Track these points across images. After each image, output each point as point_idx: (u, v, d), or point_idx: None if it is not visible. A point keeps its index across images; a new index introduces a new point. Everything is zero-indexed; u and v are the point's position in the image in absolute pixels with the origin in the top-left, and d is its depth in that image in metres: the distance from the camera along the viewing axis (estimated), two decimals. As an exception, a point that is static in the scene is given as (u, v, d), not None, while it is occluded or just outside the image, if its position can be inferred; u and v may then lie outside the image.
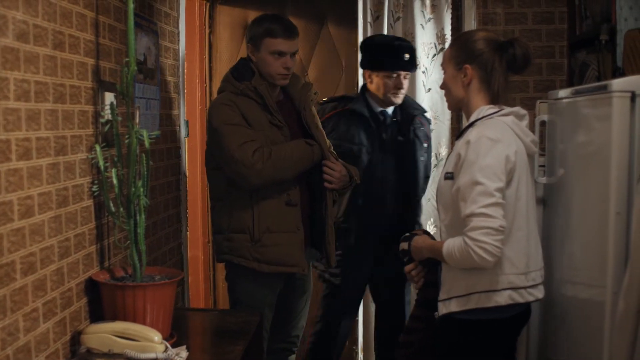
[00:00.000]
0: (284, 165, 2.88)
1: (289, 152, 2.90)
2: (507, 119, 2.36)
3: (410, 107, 3.57)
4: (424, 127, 3.60)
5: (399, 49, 3.43)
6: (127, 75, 2.33)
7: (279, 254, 2.95)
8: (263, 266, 2.94)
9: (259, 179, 2.86)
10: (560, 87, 3.93)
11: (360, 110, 3.44)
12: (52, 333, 2.09)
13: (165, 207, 3.16)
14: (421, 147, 3.51)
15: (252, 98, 2.95)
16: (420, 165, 3.51)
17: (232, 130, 2.88)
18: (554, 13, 4.06)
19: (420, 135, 3.52)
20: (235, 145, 2.85)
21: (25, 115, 1.91)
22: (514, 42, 2.39)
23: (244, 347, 2.41)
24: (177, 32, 3.34)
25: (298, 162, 2.93)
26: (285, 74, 3.00)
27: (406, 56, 3.41)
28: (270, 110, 2.95)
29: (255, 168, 2.83)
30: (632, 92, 2.26)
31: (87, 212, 2.32)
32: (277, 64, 2.98)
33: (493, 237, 2.19)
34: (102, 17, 2.43)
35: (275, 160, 2.86)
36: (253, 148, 2.84)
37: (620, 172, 2.26)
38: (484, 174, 2.22)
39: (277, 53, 2.97)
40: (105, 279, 2.37)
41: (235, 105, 2.93)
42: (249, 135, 2.88)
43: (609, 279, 2.28)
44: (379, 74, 3.43)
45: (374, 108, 3.49)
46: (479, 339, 2.37)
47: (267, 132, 2.92)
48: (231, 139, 2.86)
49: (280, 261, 2.95)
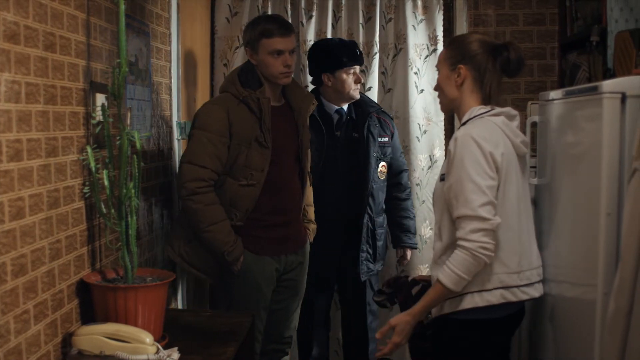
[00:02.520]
0: (199, 226, 2.93)
1: (213, 228, 2.93)
2: (497, 119, 2.38)
3: (365, 105, 3.68)
4: (382, 124, 3.69)
5: (352, 46, 3.65)
6: (118, 77, 2.33)
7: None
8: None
9: (183, 199, 2.97)
10: (552, 88, 3.95)
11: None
12: (43, 335, 2.08)
13: (157, 209, 3.16)
14: (374, 143, 3.60)
15: (251, 109, 2.95)
16: (372, 160, 3.59)
17: (203, 142, 2.92)
18: (545, 14, 4.08)
19: (374, 132, 3.62)
20: (196, 160, 2.91)
21: (16, 116, 1.90)
22: (509, 46, 2.41)
23: (235, 348, 2.41)
24: (169, 33, 3.34)
25: (210, 239, 2.94)
26: (286, 72, 3.02)
27: (358, 51, 3.61)
28: (262, 128, 2.95)
29: (186, 195, 2.92)
30: (622, 93, 2.26)
31: (78, 213, 2.32)
32: (277, 63, 2.99)
33: (490, 237, 2.23)
34: (93, 18, 2.42)
35: (202, 213, 2.92)
36: (204, 183, 2.91)
37: (611, 173, 2.27)
38: (474, 172, 2.24)
39: (275, 52, 2.98)
40: (96, 280, 2.36)
41: (228, 111, 2.94)
42: (213, 156, 2.91)
43: (600, 280, 2.29)
44: (339, 72, 3.56)
45: (327, 108, 3.63)
46: (474, 339, 2.38)
47: (249, 146, 2.95)
48: (196, 150, 2.93)
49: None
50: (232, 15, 4.08)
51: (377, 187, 3.65)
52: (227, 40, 4.08)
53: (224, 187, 2.97)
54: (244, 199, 2.98)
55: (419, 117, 4.11)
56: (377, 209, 3.68)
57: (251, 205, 2.99)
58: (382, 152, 3.65)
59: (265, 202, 3.02)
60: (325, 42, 3.78)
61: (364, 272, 3.61)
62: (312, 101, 3.22)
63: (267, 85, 3.05)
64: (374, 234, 3.65)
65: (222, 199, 2.97)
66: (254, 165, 2.96)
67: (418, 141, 4.12)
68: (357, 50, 3.61)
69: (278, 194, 3.06)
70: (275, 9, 4.10)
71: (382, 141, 3.66)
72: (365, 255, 3.61)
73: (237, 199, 2.97)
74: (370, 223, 3.63)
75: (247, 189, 2.97)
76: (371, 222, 3.64)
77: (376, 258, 3.66)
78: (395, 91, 4.14)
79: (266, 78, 3.04)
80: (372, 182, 3.61)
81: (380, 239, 3.69)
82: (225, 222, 2.94)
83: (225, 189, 2.97)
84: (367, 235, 3.62)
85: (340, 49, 3.62)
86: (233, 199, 2.98)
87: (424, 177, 4.14)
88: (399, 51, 4.12)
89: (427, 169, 4.14)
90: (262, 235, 3.05)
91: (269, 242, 3.07)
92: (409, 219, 3.79)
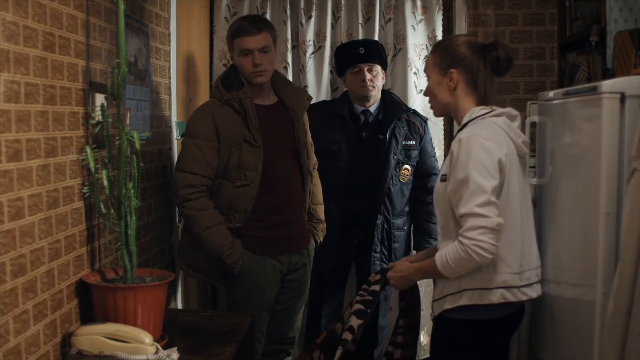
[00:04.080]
0: (195, 231, 2.96)
1: (208, 232, 2.94)
2: (498, 120, 2.37)
3: (394, 107, 3.70)
4: (411, 127, 3.68)
5: (353, 45, 3.70)
6: (117, 77, 2.33)
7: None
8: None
9: (178, 207, 3.03)
10: (551, 88, 3.95)
11: (337, 112, 3.64)
12: (42, 335, 2.08)
13: (156, 209, 3.16)
14: (397, 146, 3.61)
15: (236, 110, 2.96)
16: (391, 162, 3.60)
17: (191, 149, 2.96)
18: (544, 14, 4.08)
19: (399, 135, 3.63)
20: (186, 167, 2.95)
21: (15, 116, 1.90)
22: (496, 45, 2.41)
23: (235, 348, 2.41)
24: (168, 33, 3.33)
25: (208, 243, 2.96)
26: (257, 72, 3.00)
27: (361, 49, 3.62)
28: (249, 127, 2.96)
29: (179, 202, 2.97)
30: (621, 93, 2.27)
31: (78, 213, 2.32)
32: (247, 63, 2.99)
33: (489, 235, 2.21)
34: (92, 18, 2.42)
35: (196, 219, 2.95)
36: (195, 189, 2.93)
37: (610, 173, 2.27)
38: (478, 172, 2.23)
39: (244, 52, 2.98)
40: (95, 280, 2.36)
41: (212, 116, 2.96)
42: (202, 161, 2.94)
43: (599, 280, 2.29)
44: (347, 74, 3.66)
45: (355, 109, 3.67)
46: (473, 338, 2.38)
47: (239, 147, 2.96)
48: (185, 158, 2.97)
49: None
50: (232, 15, 4.07)
51: (395, 189, 3.64)
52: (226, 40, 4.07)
53: (221, 191, 2.98)
54: (241, 200, 2.98)
55: (419, 117, 4.11)
56: (395, 211, 3.67)
57: (249, 206, 2.99)
58: (406, 155, 3.65)
59: (263, 202, 3.02)
60: (338, 46, 3.87)
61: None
62: (306, 97, 3.22)
63: (248, 85, 3.04)
64: (390, 235, 3.65)
65: (220, 202, 2.98)
66: (246, 166, 2.97)
67: (417, 141, 4.11)
68: (360, 49, 3.61)
69: (276, 193, 3.06)
70: (274, 9, 4.10)
71: (408, 144, 3.66)
72: (379, 255, 3.62)
73: (234, 200, 2.98)
74: (386, 224, 3.64)
75: (243, 190, 2.98)
76: (387, 223, 3.65)
77: (392, 259, 3.65)
78: (395, 91, 4.12)
79: (245, 78, 3.05)
80: (390, 184, 3.61)
81: (397, 241, 3.69)
82: (220, 225, 2.95)
83: (222, 192, 2.98)
84: (382, 236, 3.62)
85: (344, 50, 3.68)
86: (231, 201, 2.98)
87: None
88: (398, 51, 4.12)
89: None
90: (262, 236, 3.05)
91: (269, 243, 3.07)
92: (430, 223, 3.71)
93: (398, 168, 3.63)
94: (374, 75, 3.61)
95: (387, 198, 3.63)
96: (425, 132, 3.75)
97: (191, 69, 3.78)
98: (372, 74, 3.60)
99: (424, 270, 2.50)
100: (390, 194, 3.63)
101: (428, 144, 3.77)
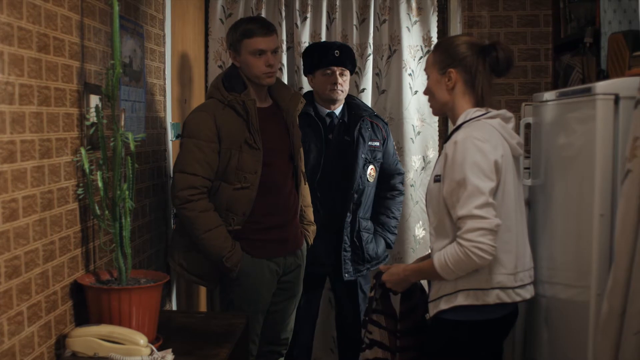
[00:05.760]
0: (195, 233, 2.94)
1: (208, 235, 2.92)
2: (493, 122, 2.38)
3: (359, 109, 3.71)
4: (375, 128, 3.70)
5: (328, 47, 3.67)
6: (112, 78, 2.32)
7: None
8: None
9: (177, 208, 2.97)
10: (545, 89, 3.96)
11: (304, 111, 3.56)
12: (36, 337, 2.08)
13: (151, 210, 3.15)
14: (364, 146, 3.62)
15: (238, 112, 2.96)
16: (359, 162, 3.61)
17: (192, 149, 2.93)
18: (538, 16, 4.09)
19: (365, 135, 3.64)
20: (187, 168, 2.92)
21: (9, 117, 1.90)
22: (497, 46, 2.41)
23: (229, 349, 2.40)
24: (163, 34, 3.33)
25: (207, 245, 2.94)
26: (269, 72, 3.02)
27: (336, 52, 3.61)
28: (250, 130, 2.96)
29: (179, 204, 2.93)
30: (615, 94, 2.27)
31: (72, 215, 2.31)
32: (259, 63, 2.99)
33: (488, 237, 2.22)
34: (87, 19, 2.42)
35: (196, 221, 2.92)
36: (196, 191, 2.91)
37: (604, 174, 2.28)
38: (474, 174, 2.24)
39: (257, 52, 2.98)
40: (90, 282, 2.36)
41: (214, 117, 2.94)
42: (203, 162, 2.92)
43: (593, 281, 2.30)
44: (317, 74, 3.63)
45: (320, 111, 3.68)
46: (468, 339, 2.39)
47: (239, 149, 2.95)
48: (186, 159, 2.94)
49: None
50: (226, 17, 4.08)
51: (365, 189, 3.66)
52: (221, 41, 4.07)
53: (219, 193, 2.97)
54: (239, 203, 2.98)
55: (413, 118, 4.12)
56: (365, 211, 3.69)
57: (248, 209, 2.99)
58: (371, 155, 3.66)
59: (261, 204, 3.02)
60: (311, 45, 3.85)
61: (348, 271, 3.62)
62: (300, 100, 3.22)
63: (251, 87, 3.05)
64: (360, 234, 3.65)
65: (218, 204, 2.97)
66: (246, 168, 2.96)
67: (412, 142, 4.13)
68: (335, 52, 3.60)
69: (273, 195, 3.06)
70: (270, 10, 4.11)
71: (373, 145, 3.67)
72: (349, 255, 3.62)
73: (233, 203, 2.97)
74: (355, 224, 3.64)
75: (242, 192, 2.97)
76: (357, 222, 3.65)
77: (365, 259, 3.65)
78: (390, 92, 4.15)
79: (250, 80, 3.04)
80: (360, 184, 3.62)
81: (368, 241, 3.69)
82: (220, 228, 2.94)
83: (220, 194, 2.97)
84: (351, 236, 3.62)
85: (318, 50, 3.67)
86: (229, 204, 2.97)
87: (418, 178, 4.14)
88: (393, 52, 4.12)
89: (420, 170, 4.15)
90: (260, 238, 3.05)
91: (267, 244, 3.07)
92: (386, 216, 3.77)
93: (366, 167, 3.64)
94: (344, 80, 3.63)
95: (357, 195, 3.62)
96: (388, 134, 3.78)
97: (186, 71, 3.77)
98: (343, 78, 3.62)
99: (420, 272, 2.50)
100: (360, 193, 3.63)
101: (391, 146, 3.80)
